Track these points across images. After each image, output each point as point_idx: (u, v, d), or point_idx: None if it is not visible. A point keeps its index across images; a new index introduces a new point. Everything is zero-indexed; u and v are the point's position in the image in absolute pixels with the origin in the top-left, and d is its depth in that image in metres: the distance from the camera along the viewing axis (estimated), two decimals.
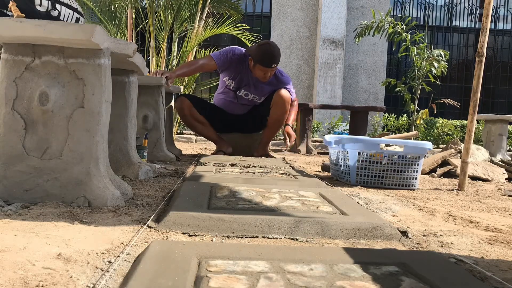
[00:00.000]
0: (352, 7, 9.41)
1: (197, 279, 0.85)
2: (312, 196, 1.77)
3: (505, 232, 1.47)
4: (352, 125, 5.56)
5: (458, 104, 6.94)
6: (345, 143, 2.52)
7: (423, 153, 2.46)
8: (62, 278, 0.85)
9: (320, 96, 9.00)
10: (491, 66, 10.54)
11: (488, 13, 2.43)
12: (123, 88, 2.19)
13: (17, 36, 1.46)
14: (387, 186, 2.43)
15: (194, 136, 6.97)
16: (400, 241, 1.29)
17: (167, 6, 6.39)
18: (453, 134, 7.71)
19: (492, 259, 1.15)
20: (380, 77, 9.32)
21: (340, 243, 1.24)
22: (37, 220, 1.27)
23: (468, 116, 2.48)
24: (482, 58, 2.45)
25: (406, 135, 4.33)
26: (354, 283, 0.87)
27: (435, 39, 10.54)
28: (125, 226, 1.28)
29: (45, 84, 1.52)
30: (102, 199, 1.50)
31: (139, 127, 3.01)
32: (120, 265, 0.95)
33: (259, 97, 3.62)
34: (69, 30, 1.45)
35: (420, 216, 1.67)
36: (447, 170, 3.22)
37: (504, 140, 5.51)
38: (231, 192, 1.75)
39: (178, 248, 1.01)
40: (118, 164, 2.17)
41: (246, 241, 1.21)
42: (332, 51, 9.02)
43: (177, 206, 1.43)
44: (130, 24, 6.25)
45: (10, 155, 1.52)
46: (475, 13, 10.58)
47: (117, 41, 1.68)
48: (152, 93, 3.18)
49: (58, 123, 1.53)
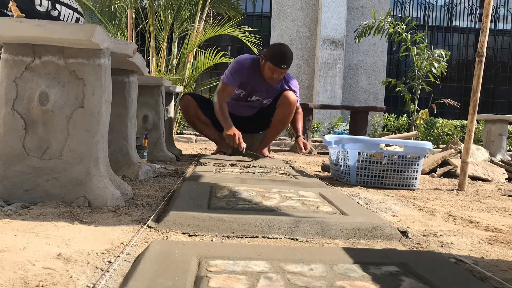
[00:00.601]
0: (352, 7, 9.42)
1: (197, 279, 0.85)
2: (312, 196, 1.77)
3: (505, 232, 1.47)
4: (352, 125, 5.57)
5: (458, 104, 6.94)
6: (345, 143, 2.52)
7: (423, 153, 2.46)
8: (62, 278, 0.85)
9: (320, 96, 9.00)
10: (491, 66, 10.54)
11: (488, 13, 2.43)
12: (123, 88, 2.19)
13: (17, 36, 1.46)
14: (387, 186, 2.43)
15: (194, 136, 6.97)
16: (400, 241, 1.29)
17: (167, 6, 6.38)
18: (453, 134, 7.71)
19: (492, 259, 1.15)
20: (380, 77, 9.32)
21: (340, 243, 1.24)
22: (37, 220, 1.27)
23: (468, 116, 2.49)
24: (482, 58, 2.45)
25: (406, 135, 4.34)
26: (354, 283, 0.87)
27: (435, 39, 10.55)
28: (125, 226, 1.28)
29: (45, 84, 1.52)
30: (102, 199, 1.50)
31: (139, 127, 3.01)
32: (120, 265, 0.95)
33: (268, 100, 3.63)
34: (69, 30, 1.45)
35: (420, 216, 1.67)
36: (447, 170, 3.22)
37: (504, 140, 5.51)
38: (231, 192, 1.75)
39: (178, 248, 1.01)
40: (118, 164, 2.17)
41: (246, 241, 1.21)
42: (332, 51, 9.03)
43: (177, 206, 1.43)
44: (130, 24, 6.25)
45: (10, 155, 1.52)
46: (475, 13, 10.59)
47: (117, 41, 1.68)
48: (152, 93, 3.18)
49: (58, 123, 1.53)
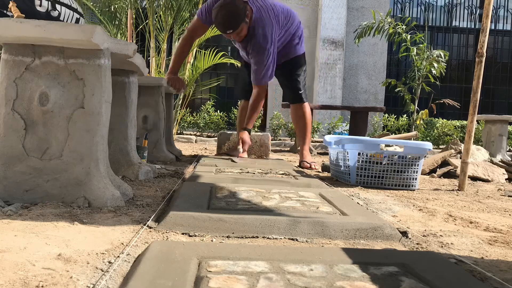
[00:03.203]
0: (352, 8, 9.42)
1: (197, 280, 0.85)
2: (312, 196, 1.77)
3: (505, 232, 1.47)
4: (352, 126, 5.56)
5: (458, 104, 6.94)
6: (345, 143, 2.52)
7: (423, 154, 2.46)
8: (62, 279, 0.85)
9: (320, 96, 9.01)
10: (491, 66, 10.55)
11: (488, 14, 2.43)
12: (123, 88, 2.19)
13: (17, 36, 1.46)
14: (387, 186, 2.43)
15: (194, 136, 6.97)
16: (400, 242, 1.29)
17: (167, 7, 6.39)
18: (453, 134, 7.71)
19: (492, 259, 1.15)
20: (380, 78, 9.32)
21: (340, 244, 1.24)
22: (37, 220, 1.27)
23: (468, 117, 2.49)
24: (482, 59, 2.45)
25: (406, 136, 4.33)
26: (354, 283, 0.87)
27: (435, 39, 10.56)
28: (125, 226, 1.28)
29: (45, 85, 1.52)
30: (102, 200, 1.51)
31: (139, 127, 3.01)
32: (120, 266, 0.95)
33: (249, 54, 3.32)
34: (69, 30, 1.45)
35: (420, 217, 1.67)
36: (447, 171, 3.22)
37: (504, 140, 5.51)
38: (231, 193, 1.75)
39: (178, 249, 1.01)
40: (118, 164, 2.17)
41: (246, 242, 1.21)
42: (332, 51, 9.03)
43: (177, 206, 1.43)
44: (130, 24, 6.25)
45: (10, 155, 1.52)
46: (475, 13, 10.59)
47: (117, 42, 1.68)
48: (152, 94, 3.18)
49: (58, 124, 1.53)
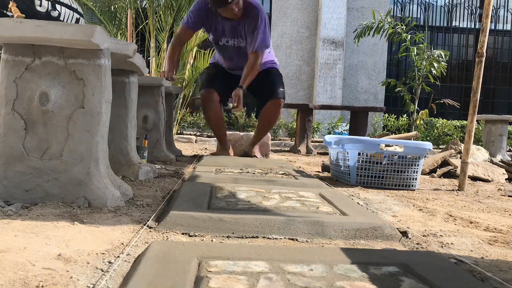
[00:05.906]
0: (352, 8, 9.41)
1: (197, 280, 0.85)
2: (312, 196, 1.77)
3: (505, 232, 1.47)
4: (352, 126, 5.56)
5: (458, 104, 6.94)
6: (345, 143, 2.52)
7: (423, 154, 2.46)
8: (62, 279, 0.85)
9: (320, 96, 9.00)
10: (491, 66, 10.54)
11: (488, 14, 2.43)
12: (123, 88, 2.19)
13: (17, 36, 1.46)
14: (387, 186, 2.43)
15: (194, 136, 6.97)
16: (400, 242, 1.29)
17: (167, 7, 6.38)
18: (453, 134, 7.71)
19: (492, 259, 1.15)
20: (380, 78, 9.32)
21: (340, 244, 1.24)
22: (37, 220, 1.27)
23: (468, 117, 2.49)
24: (482, 59, 2.45)
25: (406, 136, 4.33)
26: (354, 283, 0.87)
27: (435, 39, 10.55)
28: (125, 226, 1.28)
29: (45, 85, 1.52)
30: (102, 200, 1.51)
31: (139, 127, 3.01)
32: (120, 266, 0.95)
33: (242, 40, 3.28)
34: (69, 30, 1.45)
35: (420, 217, 1.67)
36: (447, 171, 3.22)
37: (504, 140, 5.51)
38: (231, 193, 1.75)
39: (178, 249, 1.01)
40: (118, 164, 2.17)
41: (246, 242, 1.21)
42: (332, 51, 9.03)
43: (177, 206, 1.44)
44: (130, 24, 6.24)
45: (10, 155, 1.52)
46: (475, 13, 10.59)
47: (117, 42, 1.68)
48: (152, 93, 3.18)
49: (58, 124, 1.53)
